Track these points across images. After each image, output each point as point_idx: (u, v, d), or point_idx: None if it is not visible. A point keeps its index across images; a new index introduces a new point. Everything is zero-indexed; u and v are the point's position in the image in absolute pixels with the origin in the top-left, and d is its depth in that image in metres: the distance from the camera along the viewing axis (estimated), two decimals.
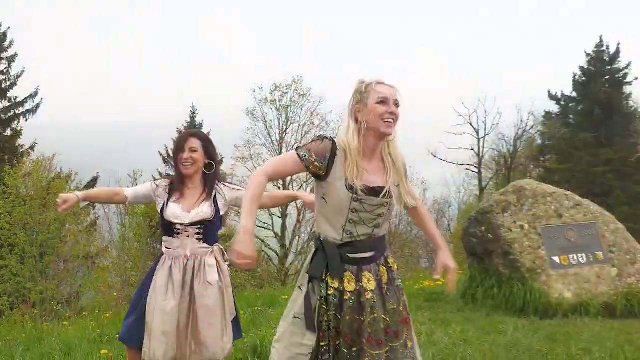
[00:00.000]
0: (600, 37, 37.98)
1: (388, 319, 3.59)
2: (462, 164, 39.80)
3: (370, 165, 3.60)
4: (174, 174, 4.97)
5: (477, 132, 39.42)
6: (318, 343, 3.56)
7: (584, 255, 9.49)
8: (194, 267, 4.68)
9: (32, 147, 31.68)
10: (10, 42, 32.57)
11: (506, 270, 9.33)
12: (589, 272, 9.38)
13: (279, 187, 36.51)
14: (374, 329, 3.54)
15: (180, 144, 4.78)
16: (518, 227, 9.48)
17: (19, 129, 32.00)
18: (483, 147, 39.40)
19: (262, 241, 35.86)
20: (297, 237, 35.30)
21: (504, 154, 39.24)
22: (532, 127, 39.49)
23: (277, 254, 35.50)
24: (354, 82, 3.77)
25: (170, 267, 4.67)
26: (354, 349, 3.54)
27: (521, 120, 39.25)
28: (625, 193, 34.02)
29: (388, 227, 3.80)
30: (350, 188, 3.48)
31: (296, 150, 3.56)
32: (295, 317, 3.63)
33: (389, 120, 3.57)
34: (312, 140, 3.64)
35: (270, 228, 35.78)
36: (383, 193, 3.56)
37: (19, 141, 31.89)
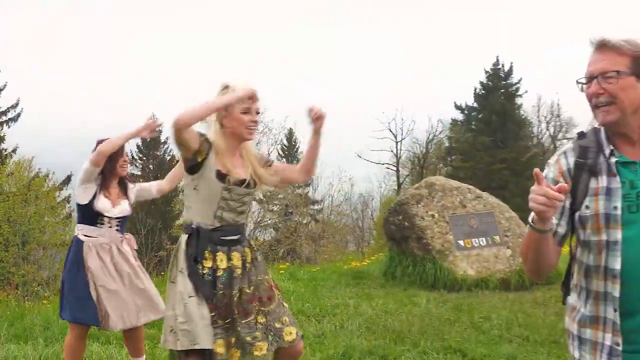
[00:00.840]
0: (497, 57, 38.74)
1: (253, 290, 3.64)
2: (383, 164, 40.13)
3: (233, 161, 3.62)
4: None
5: (395, 137, 39.77)
6: (212, 315, 3.54)
7: (483, 239, 9.65)
8: (117, 251, 4.77)
9: (14, 150, 31.21)
10: None
11: (420, 252, 9.43)
12: (488, 253, 9.54)
13: None
14: (240, 301, 3.57)
15: (120, 151, 4.82)
16: (429, 216, 9.58)
17: (2, 135, 31.42)
18: (400, 150, 39.82)
19: None
20: None
21: (417, 155, 39.66)
22: (440, 132, 40.08)
23: None
24: (219, 85, 3.74)
25: (98, 253, 4.69)
26: (227, 321, 3.56)
27: (432, 127, 39.83)
28: (517, 187, 34.60)
29: (247, 216, 3.85)
30: (222, 179, 3.52)
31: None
32: (190, 297, 3.54)
33: (252, 127, 3.62)
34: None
35: None
36: (246, 184, 3.61)
37: (3, 145, 31.28)
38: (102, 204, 4.73)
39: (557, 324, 7.08)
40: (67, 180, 31.31)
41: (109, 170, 4.83)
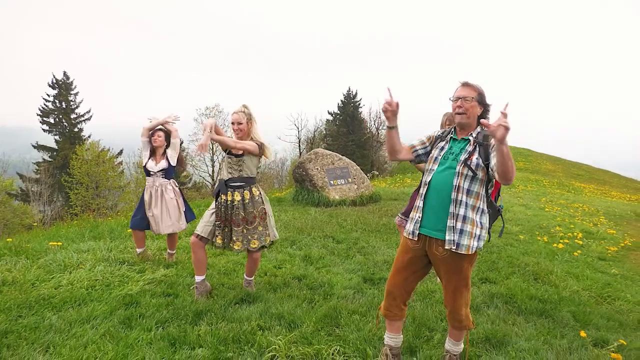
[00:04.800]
0: (349, 87, 39.09)
1: (244, 214, 3.69)
2: (291, 142, 40.04)
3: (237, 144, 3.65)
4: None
5: (298, 128, 39.72)
6: (215, 222, 3.71)
7: (343, 180, 9.81)
8: (162, 191, 4.66)
9: (89, 136, 30.49)
10: (75, 86, 30.94)
11: (311, 187, 9.50)
12: (345, 187, 9.71)
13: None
14: (236, 218, 3.68)
15: (152, 133, 4.69)
16: (316, 169, 9.64)
17: (82, 127, 30.72)
18: (300, 134, 39.69)
19: (203, 178, 34.95)
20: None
21: (310, 137, 39.61)
22: (321, 126, 40.07)
23: (211, 184, 34.69)
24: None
25: (150, 192, 4.65)
26: (229, 226, 3.71)
27: (317, 123, 39.88)
28: (359, 154, 35.34)
29: (254, 172, 3.78)
30: (227, 153, 3.67)
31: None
32: (209, 210, 3.78)
33: (236, 132, 3.66)
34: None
35: (208, 172, 34.91)
36: (238, 155, 3.65)
37: (82, 134, 30.51)
38: (149, 164, 4.65)
39: (379, 222, 7.33)
40: (120, 152, 30.43)
41: (151, 144, 4.71)
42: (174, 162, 4.77)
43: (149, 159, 4.69)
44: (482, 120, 2.28)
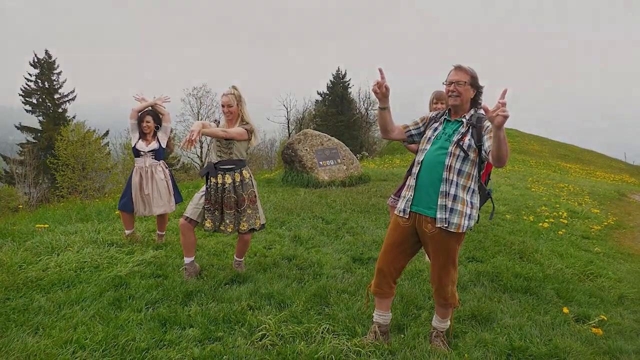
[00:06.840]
0: (338, 67, 38.65)
1: (236, 197, 3.70)
2: (281, 123, 39.78)
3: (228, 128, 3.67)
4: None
5: (287, 109, 39.39)
6: (204, 205, 3.70)
7: (332, 161, 9.79)
8: (152, 172, 4.61)
9: (73, 117, 29.80)
10: (58, 65, 30.20)
11: (300, 168, 9.47)
12: (334, 168, 9.71)
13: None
14: (228, 201, 3.67)
15: (141, 118, 4.61)
16: (305, 150, 9.60)
17: (66, 108, 30.02)
18: (289, 115, 39.36)
19: (191, 159, 34.69)
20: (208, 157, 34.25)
21: (299, 118, 39.31)
22: (310, 106, 39.78)
23: (199, 165, 34.47)
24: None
25: (140, 173, 4.60)
26: (220, 210, 3.72)
27: (306, 103, 39.57)
28: (349, 135, 35.23)
29: (244, 155, 3.74)
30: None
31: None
32: (198, 192, 3.78)
33: (226, 114, 3.66)
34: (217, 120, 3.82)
35: (196, 153, 34.62)
36: (228, 138, 3.61)
37: (67, 114, 29.90)
38: (139, 145, 4.60)
39: (368, 202, 7.36)
40: (106, 133, 30.05)
41: (141, 129, 4.63)
42: (164, 145, 4.74)
43: (138, 139, 4.64)
44: (483, 105, 2.29)
